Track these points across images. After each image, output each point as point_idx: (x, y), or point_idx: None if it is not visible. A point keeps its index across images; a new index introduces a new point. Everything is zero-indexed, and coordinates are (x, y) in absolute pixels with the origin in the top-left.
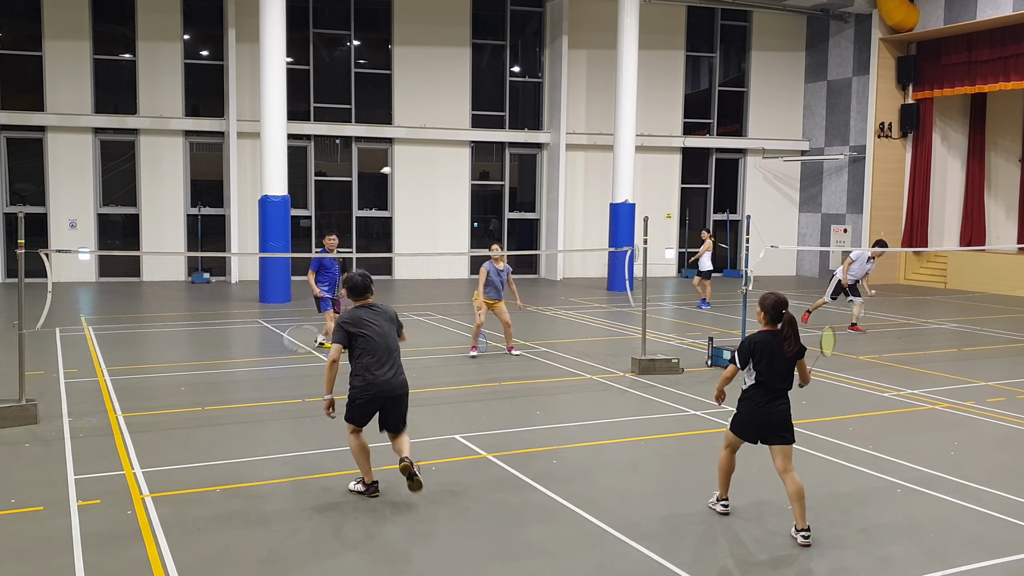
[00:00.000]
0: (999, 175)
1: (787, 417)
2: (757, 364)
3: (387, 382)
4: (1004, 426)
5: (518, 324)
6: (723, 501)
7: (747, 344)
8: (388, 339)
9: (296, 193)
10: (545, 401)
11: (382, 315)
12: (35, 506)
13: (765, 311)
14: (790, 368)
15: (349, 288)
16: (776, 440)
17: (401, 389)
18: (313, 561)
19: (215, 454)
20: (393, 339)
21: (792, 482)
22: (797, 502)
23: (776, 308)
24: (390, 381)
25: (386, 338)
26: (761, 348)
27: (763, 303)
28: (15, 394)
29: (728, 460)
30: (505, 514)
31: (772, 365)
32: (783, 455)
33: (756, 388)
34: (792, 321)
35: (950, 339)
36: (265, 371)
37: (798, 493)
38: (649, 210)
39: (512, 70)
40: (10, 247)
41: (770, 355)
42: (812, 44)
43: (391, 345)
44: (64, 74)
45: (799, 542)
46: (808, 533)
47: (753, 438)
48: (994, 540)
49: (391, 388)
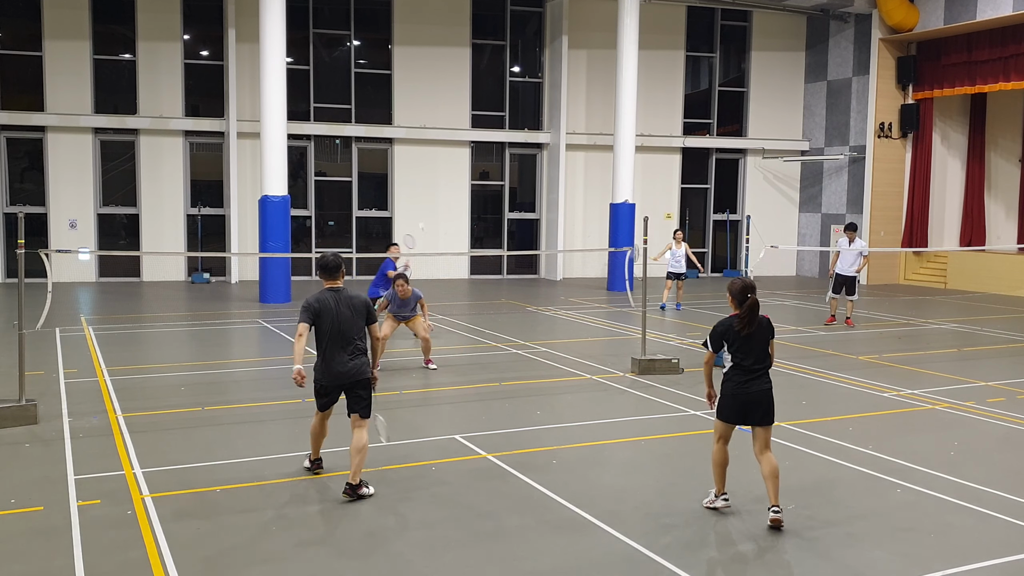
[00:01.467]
0: (999, 175)
1: (769, 397)
2: (731, 347)
3: (340, 371)
4: (1004, 426)
5: (518, 324)
6: (723, 496)
7: (717, 328)
8: (345, 326)
9: (296, 193)
10: (545, 401)
11: (344, 302)
12: (35, 506)
13: (733, 295)
14: (764, 348)
15: (320, 266)
16: (759, 420)
17: (354, 377)
18: (313, 561)
19: (215, 454)
20: (352, 327)
21: (768, 462)
22: (772, 480)
23: (743, 292)
24: (344, 368)
25: (343, 325)
26: (730, 331)
27: (731, 288)
28: (15, 394)
29: (721, 453)
30: (505, 515)
31: (744, 347)
32: (764, 436)
33: (734, 370)
34: (754, 305)
35: (950, 339)
36: (265, 371)
37: (773, 472)
38: (649, 210)
39: (512, 70)
40: (10, 247)
41: (740, 337)
42: (812, 44)
43: (347, 333)
44: (64, 74)
45: (770, 517)
46: (779, 509)
47: (738, 420)
48: (994, 540)
49: (344, 375)
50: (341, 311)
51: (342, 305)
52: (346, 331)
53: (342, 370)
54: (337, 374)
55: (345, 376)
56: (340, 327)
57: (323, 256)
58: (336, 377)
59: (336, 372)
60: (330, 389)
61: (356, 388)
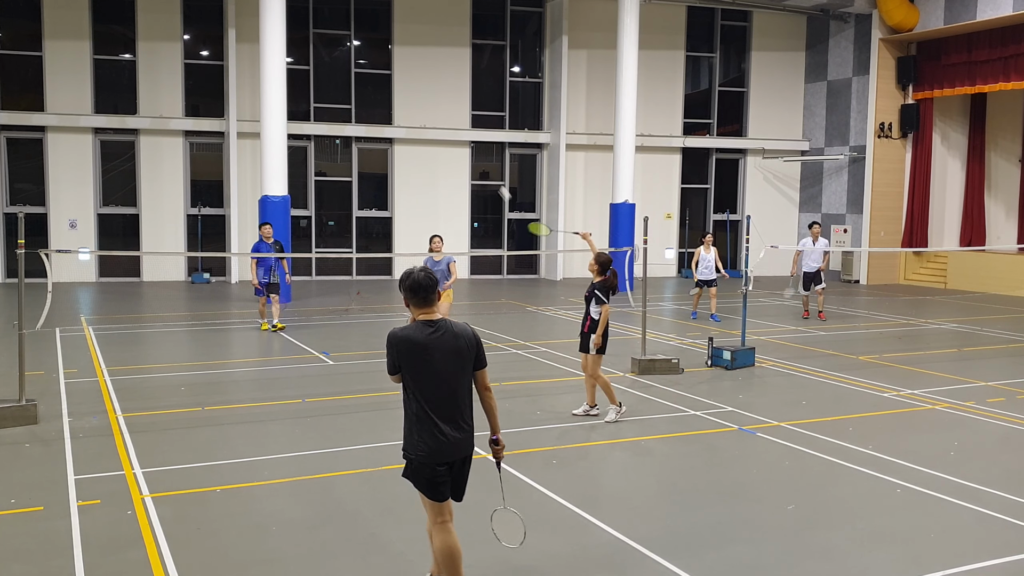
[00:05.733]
0: (999, 175)
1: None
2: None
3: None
4: (1004, 426)
5: (518, 324)
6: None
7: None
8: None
9: (296, 193)
10: (545, 401)
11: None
12: (35, 506)
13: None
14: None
15: (408, 287)
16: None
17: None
18: (313, 561)
19: (215, 454)
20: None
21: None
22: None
23: (606, 264)
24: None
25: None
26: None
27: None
28: (15, 394)
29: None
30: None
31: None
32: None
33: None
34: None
35: (950, 339)
36: (265, 371)
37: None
38: (649, 210)
39: (512, 70)
40: (10, 247)
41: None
42: (812, 44)
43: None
44: (64, 74)
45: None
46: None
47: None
48: (994, 540)
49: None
50: (444, 356)
51: (446, 346)
52: (453, 387)
53: (455, 443)
54: (447, 449)
55: (460, 451)
56: (444, 381)
57: (410, 273)
58: (447, 453)
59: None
60: (443, 471)
61: (463, 466)
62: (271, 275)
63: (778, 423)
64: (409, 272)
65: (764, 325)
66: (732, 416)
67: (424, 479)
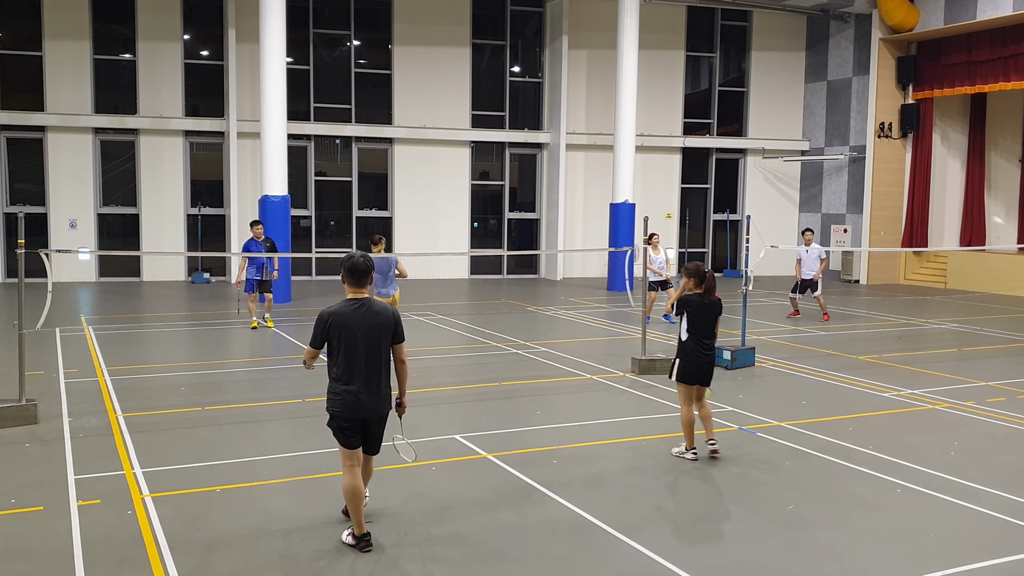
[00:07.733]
0: (999, 175)
1: (712, 363)
2: (690, 315)
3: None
4: (1004, 426)
5: (518, 324)
6: (692, 450)
7: (683, 300)
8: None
9: (296, 193)
10: (545, 401)
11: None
12: (35, 506)
13: (691, 276)
14: (712, 323)
15: (347, 268)
16: (705, 381)
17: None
18: (313, 561)
19: (215, 454)
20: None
21: (703, 407)
22: (707, 420)
23: (699, 272)
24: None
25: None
26: (692, 304)
27: (688, 271)
28: (15, 394)
29: (690, 414)
30: (504, 515)
31: (698, 320)
32: (704, 394)
33: (690, 339)
34: (712, 276)
35: (950, 339)
36: (265, 371)
37: (708, 415)
38: (649, 210)
39: (512, 70)
40: (10, 247)
41: (698, 310)
42: (812, 44)
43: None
44: (64, 74)
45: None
46: (715, 441)
47: (694, 381)
48: (994, 540)
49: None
50: (365, 328)
51: (366, 321)
52: (369, 355)
53: (367, 403)
54: (359, 407)
55: (371, 410)
56: (363, 350)
57: (350, 257)
58: (359, 410)
59: (359, 405)
60: (354, 425)
61: (378, 424)
62: (263, 273)
63: (778, 423)
64: (350, 255)
65: (764, 325)
66: (732, 416)
67: (337, 429)
